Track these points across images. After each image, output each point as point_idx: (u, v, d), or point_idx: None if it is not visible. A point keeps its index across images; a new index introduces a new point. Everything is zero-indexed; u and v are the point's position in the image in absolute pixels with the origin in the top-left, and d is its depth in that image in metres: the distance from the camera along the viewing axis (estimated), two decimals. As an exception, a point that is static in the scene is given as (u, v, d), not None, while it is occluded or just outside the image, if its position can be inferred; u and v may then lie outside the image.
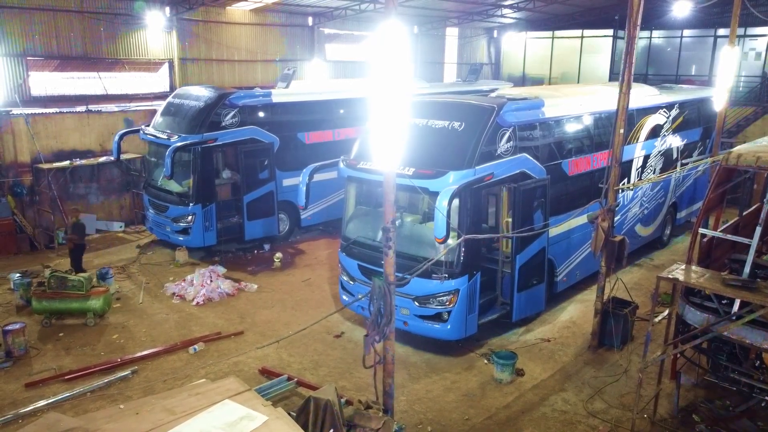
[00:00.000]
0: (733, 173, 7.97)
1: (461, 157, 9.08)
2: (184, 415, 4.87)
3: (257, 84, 18.71)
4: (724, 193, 8.35)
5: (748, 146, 7.85)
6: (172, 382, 9.00)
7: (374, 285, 6.49)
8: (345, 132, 16.47)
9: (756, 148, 7.55)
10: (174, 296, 12.05)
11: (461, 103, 10.02)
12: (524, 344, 10.26)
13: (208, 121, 13.72)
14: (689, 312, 7.62)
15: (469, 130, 9.30)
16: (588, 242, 12.00)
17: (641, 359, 7.93)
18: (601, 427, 8.02)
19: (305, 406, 5.54)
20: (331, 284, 12.90)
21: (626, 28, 9.15)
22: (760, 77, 20.92)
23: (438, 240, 8.50)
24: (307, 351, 9.99)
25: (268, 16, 19.25)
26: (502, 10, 22.99)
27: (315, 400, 5.55)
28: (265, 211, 14.78)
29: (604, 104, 12.31)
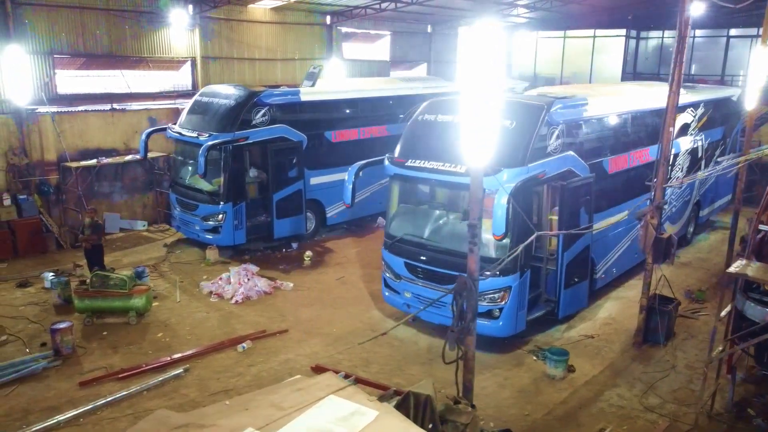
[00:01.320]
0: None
1: (514, 155, 9.14)
2: (292, 410, 4.88)
3: (277, 82, 18.71)
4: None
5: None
6: (226, 380, 9.01)
7: (458, 282, 6.52)
8: (370, 131, 16.54)
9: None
10: (212, 295, 12.02)
11: (512, 101, 10.07)
12: (568, 341, 10.34)
13: (239, 120, 13.71)
14: (749, 307, 7.73)
15: (520, 128, 9.35)
16: (623, 239, 12.18)
17: (707, 355, 8.02)
18: (660, 422, 8.11)
19: (405, 400, 5.57)
20: (365, 282, 12.93)
21: (677, 28, 9.26)
22: None
23: (496, 237, 8.58)
24: (355, 349, 10.01)
25: (287, 14, 19.22)
26: (518, 10, 23.10)
27: (415, 395, 5.58)
28: (293, 210, 14.77)
29: (640, 103, 12.45)
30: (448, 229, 10.05)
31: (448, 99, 11.17)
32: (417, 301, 10.14)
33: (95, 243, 12.30)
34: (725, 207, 18.01)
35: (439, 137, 9.99)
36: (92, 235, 12.18)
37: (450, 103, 10.72)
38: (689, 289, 12.48)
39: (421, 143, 10.17)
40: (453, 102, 10.94)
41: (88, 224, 12.27)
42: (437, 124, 10.18)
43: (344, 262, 14.20)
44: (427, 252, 9.94)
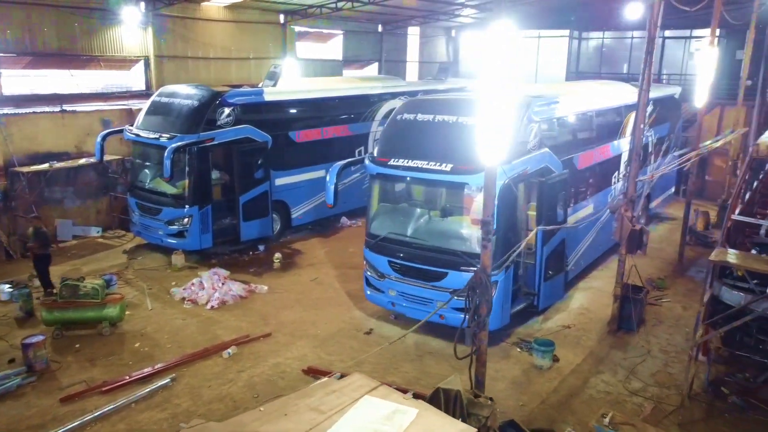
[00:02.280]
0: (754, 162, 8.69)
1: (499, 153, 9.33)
2: (332, 412, 4.86)
3: (233, 82, 18.37)
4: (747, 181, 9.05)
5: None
6: (218, 387, 8.80)
7: (473, 277, 6.63)
8: (332, 130, 16.49)
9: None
10: (185, 301, 11.68)
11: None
12: (548, 332, 10.69)
13: (204, 121, 13.37)
14: (726, 292, 8.23)
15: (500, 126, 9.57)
16: (590, 232, 12.68)
17: (693, 338, 8.47)
18: (646, 405, 8.52)
19: (435, 396, 5.62)
20: (341, 282, 12.90)
21: (647, 29, 9.71)
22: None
23: (487, 233, 8.74)
24: (344, 349, 9.99)
25: (241, 12, 18.86)
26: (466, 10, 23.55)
27: (445, 391, 5.65)
28: (260, 212, 14.54)
29: (603, 101, 12.99)
30: (432, 227, 10.17)
31: (426, 98, 11.32)
32: (402, 298, 10.22)
33: (40, 253, 11.69)
34: (669, 200, 19.08)
35: (420, 136, 10.09)
36: (34, 243, 11.59)
37: (428, 102, 10.87)
38: (650, 278, 13.11)
39: (403, 142, 10.24)
40: (431, 101, 11.12)
41: (32, 234, 11.64)
42: (418, 123, 10.27)
43: (316, 263, 14.10)
44: (412, 250, 10.02)
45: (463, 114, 9.94)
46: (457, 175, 9.27)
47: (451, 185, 9.62)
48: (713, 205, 18.26)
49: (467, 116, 9.86)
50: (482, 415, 5.78)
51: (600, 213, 12.85)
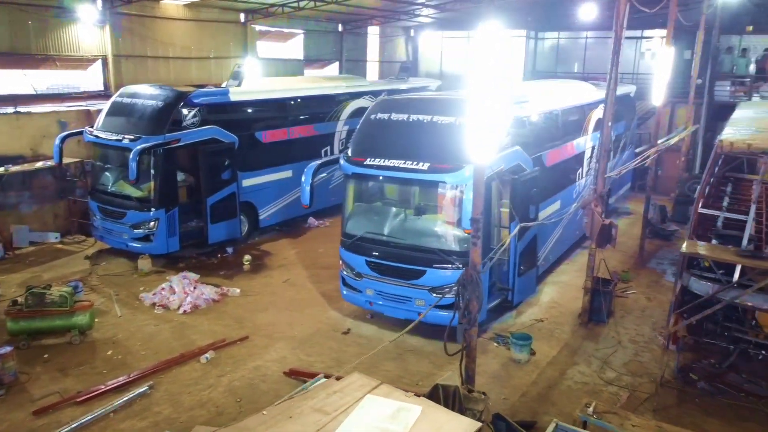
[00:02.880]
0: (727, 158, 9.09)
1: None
2: (337, 413, 4.85)
3: (193, 82, 18.05)
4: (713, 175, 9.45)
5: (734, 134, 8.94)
6: (198, 393, 8.64)
7: (463, 274, 6.72)
8: (298, 130, 16.40)
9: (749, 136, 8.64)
10: (156, 306, 11.41)
11: (464, 100, 10.41)
12: (522, 326, 10.91)
13: (169, 121, 13.08)
14: (695, 282, 8.58)
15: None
16: (557, 228, 12.99)
17: (666, 327, 8.78)
18: (621, 394, 8.81)
19: (434, 393, 5.67)
20: (313, 283, 12.85)
21: (614, 30, 10.02)
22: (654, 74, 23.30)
23: (467, 231, 8.89)
24: (323, 350, 9.96)
25: (201, 11, 18.51)
26: (425, 10, 23.73)
27: (444, 387, 5.70)
28: (228, 213, 14.32)
29: (569, 100, 13.32)
30: (410, 225, 10.23)
31: (399, 98, 11.38)
32: (381, 297, 10.25)
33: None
34: (626, 195, 19.74)
35: (395, 135, 10.15)
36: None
37: (401, 102, 10.93)
38: (615, 271, 13.52)
39: (378, 142, 10.28)
40: (404, 100, 11.18)
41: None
42: (392, 122, 10.31)
43: (286, 264, 13.99)
44: (390, 249, 10.07)
45: (438, 113, 10.05)
46: (435, 174, 9.37)
47: (429, 184, 9.71)
48: (666, 199, 18.98)
49: (442, 115, 9.98)
50: (477, 409, 5.88)
51: (567, 209, 13.18)
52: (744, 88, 20.98)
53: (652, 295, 12.47)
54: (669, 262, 14.52)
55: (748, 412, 8.36)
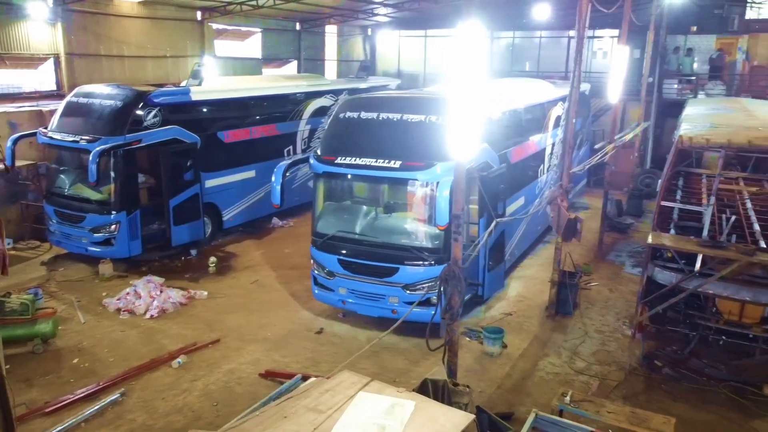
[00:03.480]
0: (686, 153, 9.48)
1: (445, 148, 9.56)
2: (331, 411, 4.85)
3: (149, 81, 17.61)
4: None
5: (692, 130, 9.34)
6: (173, 398, 8.47)
7: (445, 270, 6.80)
8: (261, 130, 16.24)
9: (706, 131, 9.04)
10: (121, 312, 11.11)
11: (434, 99, 10.52)
12: (492, 320, 11.11)
13: (130, 122, 12.75)
14: (659, 273, 8.92)
15: (447, 123, 9.80)
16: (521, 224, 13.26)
17: (632, 317, 9.09)
18: (592, 382, 9.09)
19: (423, 387, 5.72)
20: (282, 283, 12.75)
21: (576, 29, 10.31)
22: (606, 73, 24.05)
23: (441, 228, 9.01)
24: (298, 350, 9.91)
25: (157, 9, 18.07)
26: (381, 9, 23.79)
27: (432, 382, 5.76)
28: (191, 215, 14.05)
29: (531, 98, 13.61)
30: (382, 223, 10.28)
31: (367, 96, 11.40)
32: (354, 296, 10.26)
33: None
34: (583, 190, 20.30)
35: (366, 134, 10.18)
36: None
37: (370, 100, 10.96)
38: (577, 264, 13.90)
39: (348, 140, 10.28)
40: (372, 99, 11.22)
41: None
42: (362, 121, 10.33)
43: (253, 265, 13.83)
44: (362, 247, 10.09)
45: (408, 111, 10.13)
46: (407, 172, 9.44)
47: (400, 181, 9.78)
48: (620, 193, 19.59)
49: (412, 113, 10.06)
50: (462, 402, 5.98)
51: (531, 204, 13.48)
52: (691, 86, 21.86)
53: (614, 287, 12.88)
54: (627, 254, 15.03)
55: (710, 396, 8.74)
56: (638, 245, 15.61)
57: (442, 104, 10.21)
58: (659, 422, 7.03)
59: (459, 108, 6.81)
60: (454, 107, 9.87)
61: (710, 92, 21.66)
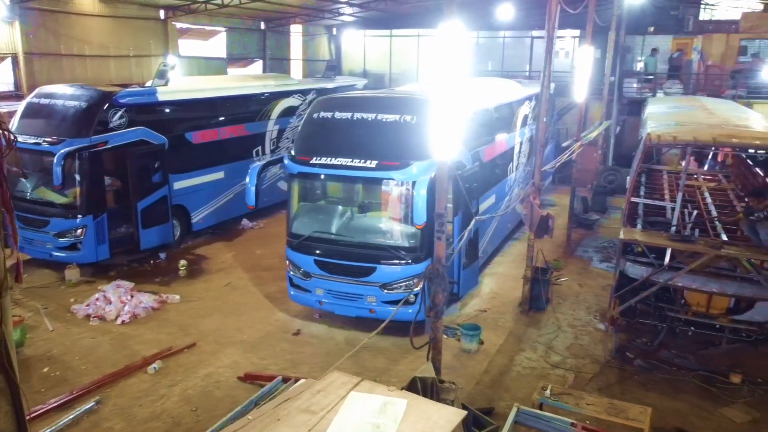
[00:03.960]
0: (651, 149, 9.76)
1: (421, 148, 9.63)
2: (324, 412, 4.84)
3: (112, 81, 17.24)
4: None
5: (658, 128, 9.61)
6: (150, 404, 8.31)
7: (428, 269, 6.85)
8: (229, 130, 16.05)
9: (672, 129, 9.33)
10: (91, 318, 10.83)
11: (409, 98, 10.57)
12: (468, 317, 11.23)
13: (95, 123, 12.44)
14: (630, 267, 9.18)
15: (422, 123, 9.87)
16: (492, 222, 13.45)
17: (606, 311, 9.30)
18: (568, 375, 9.28)
19: (412, 385, 5.75)
20: (256, 285, 12.63)
21: (546, 30, 10.51)
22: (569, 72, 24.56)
23: (419, 226, 9.07)
24: (276, 352, 9.84)
25: (119, 7, 17.67)
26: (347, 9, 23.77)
27: (421, 379, 5.79)
28: (160, 218, 13.80)
29: (501, 97, 13.80)
30: (359, 223, 10.28)
31: (340, 96, 11.38)
32: (331, 296, 10.25)
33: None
34: (549, 188, 20.65)
35: (341, 134, 10.17)
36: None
37: (343, 100, 10.94)
38: (546, 260, 14.17)
39: (323, 140, 10.25)
40: (345, 99, 11.20)
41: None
42: (336, 121, 10.31)
43: (225, 268, 13.66)
44: (339, 247, 10.07)
45: (382, 111, 10.15)
46: (383, 171, 9.48)
47: (377, 181, 9.80)
48: (584, 190, 20.01)
49: (386, 113, 10.08)
50: (449, 399, 6.04)
51: (501, 202, 13.68)
52: (650, 85, 22.50)
53: (583, 281, 13.17)
54: (594, 250, 15.38)
55: (680, 385, 9.03)
56: (604, 241, 16.01)
57: (416, 104, 10.28)
58: (636, 412, 7.24)
59: (435, 107, 6.86)
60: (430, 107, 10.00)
61: (668, 91, 22.35)
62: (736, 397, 8.73)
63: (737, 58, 24.15)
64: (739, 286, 8.60)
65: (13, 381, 3.49)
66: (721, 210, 11.49)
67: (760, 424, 8.15)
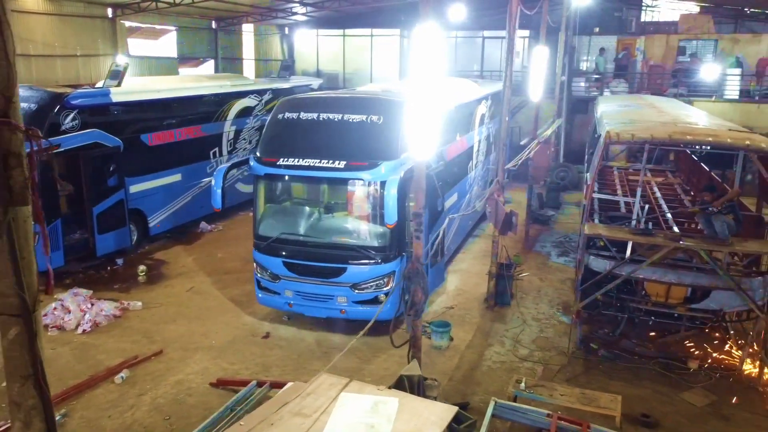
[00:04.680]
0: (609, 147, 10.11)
1: (388, 148, 9.70)
2: (317, 414, 4.84)
3: (58, 82, 16.63)
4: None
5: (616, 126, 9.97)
6: (119, 415, 8.08)
7: (409, 268, 6.91)
8: (186, 131, 15.71)
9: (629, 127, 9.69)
10: (49, 328, 10.43)
11: (376, 98, 10.60)
12: (435, 314, 11.36)
13: (47, 126, 11.96)
14: (594, 261, 9.50)
15: (389, 123, 9.92)
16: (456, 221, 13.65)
17: (576, 303, 9.58)
18: (537, 368, 9.53)
19: (400, 383, 5.78)
20: (220, 289, 12.43)
21: (507, 30, 10.73)
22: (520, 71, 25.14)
23: (390, 226, 9.13)
24: (246, 356, 9.71)
25: (64, 5, 17.00)
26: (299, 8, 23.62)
27: (408, 378, 5.83)
28: (116, 222, 13.42)
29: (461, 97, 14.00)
30: (328, 224, 10.26)
31: (305, 96, 11.31)
32: (300, 297, 10.20)
33: None
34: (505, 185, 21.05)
35: (307, 134, 10.12)
36: None
37: (309, 101, 10.89)
38: (507, 256, 14.48)
39: (289, 141, 10.18)
40: (311, 99, 11.16)
41: None
42: (302, 122, 10.25)
43: (186, 272, 13.37)
44: (308, 248, 10.03)
45: (349, 111, 10.15)
46: (352, 172, 9.49)
47: (346, 182, 9.80)
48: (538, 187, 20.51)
49: (353, 113, 10.09)
50: (433, 395, 6.13)
51: (463, 200, 13.90)
52: (598, 84, 23.27)
53: (543, 276, 13.52)
54: (551, 245, 15.80)
55: (642, 372, 9.40)
56: (560, 236, 16.48)
57: (383, 104, 10.34)
58: (607, 400, 7.53)
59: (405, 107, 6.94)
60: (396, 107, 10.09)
61: (614, 90, 23.18)
62: (694, 381, 9.16)
63: (676, 57, 25.28)
64: (696, 276, 9.02)
65: (48, 399, 3.38)
66: (669, 204, 12.05)
67: (717, 405, 8.58)
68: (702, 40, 25.31)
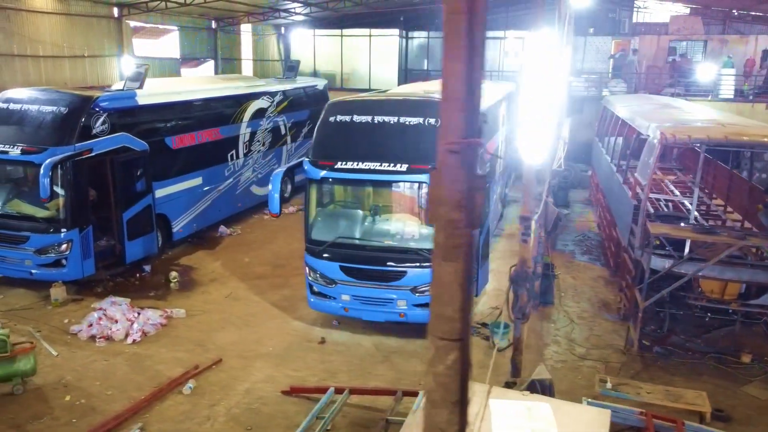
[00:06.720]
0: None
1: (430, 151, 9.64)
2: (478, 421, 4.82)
3: (67, 83, 16.17)
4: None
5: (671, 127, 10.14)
6: (197, 427, 7.89)
7: (516, 272, 6.90)
8: (206, 134, 15.40)
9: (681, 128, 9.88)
10: (97, 339, 10.10)
11: (431, 101, 10.54)
12: (483, 315, 11.40)
13: (79, 129, 11.57)
14: (656, 259, 9.64)
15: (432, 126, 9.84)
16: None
17: (642, 302, 9.70)
18: (598, 366, 9.65)
19: (532, 387, 5.78)
20: (257, 294, 12.23)
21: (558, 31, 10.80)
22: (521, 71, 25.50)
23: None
24: (308, 363, 9.58)
25: (71, 4, 16.48)
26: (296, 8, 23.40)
27: (540, 381, 5.83)
28: (145, 228, 13.07)
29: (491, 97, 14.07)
30: (387, 227, 10.18)
31: (354, 99, 11.18)
32: (358, 302, 10.10)
33: None
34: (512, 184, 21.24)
35: (363, 137, 10.02)
36: None
37: (359, 104, 10.76)
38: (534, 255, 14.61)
39: (344, 145, 10.06)
40: (361, 102, 11.02)
41: None
42: (356, 124, 10.14)
43: (217, 278, 13.10)
44: (365, 252, 9.94)
45: (404, 114, 10.07)
46: (416, 174, 9.44)
47: (407, 185, 9.75)
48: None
49: (408, 116, 10.02)
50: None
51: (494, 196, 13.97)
52: (595, 83, 23.68)
53: (575, 275, 13.70)
54: (572, 243, 16.01)
55: (699, 368, 9.61)
56: (578, 234, 16.71)
57: (435, 107, 10.30)
58: (693, 397, 7.67)
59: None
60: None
61: (613, 89, 23.61)
62: (751, 375, 9.40)
63: (667, 58, 25.92)
64: (753, 273, 9.26)
65: (463, 426, 3.22)
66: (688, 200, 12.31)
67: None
68: (691, 41, 26.01)
